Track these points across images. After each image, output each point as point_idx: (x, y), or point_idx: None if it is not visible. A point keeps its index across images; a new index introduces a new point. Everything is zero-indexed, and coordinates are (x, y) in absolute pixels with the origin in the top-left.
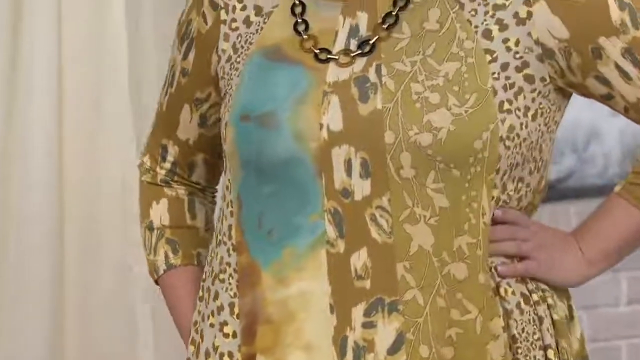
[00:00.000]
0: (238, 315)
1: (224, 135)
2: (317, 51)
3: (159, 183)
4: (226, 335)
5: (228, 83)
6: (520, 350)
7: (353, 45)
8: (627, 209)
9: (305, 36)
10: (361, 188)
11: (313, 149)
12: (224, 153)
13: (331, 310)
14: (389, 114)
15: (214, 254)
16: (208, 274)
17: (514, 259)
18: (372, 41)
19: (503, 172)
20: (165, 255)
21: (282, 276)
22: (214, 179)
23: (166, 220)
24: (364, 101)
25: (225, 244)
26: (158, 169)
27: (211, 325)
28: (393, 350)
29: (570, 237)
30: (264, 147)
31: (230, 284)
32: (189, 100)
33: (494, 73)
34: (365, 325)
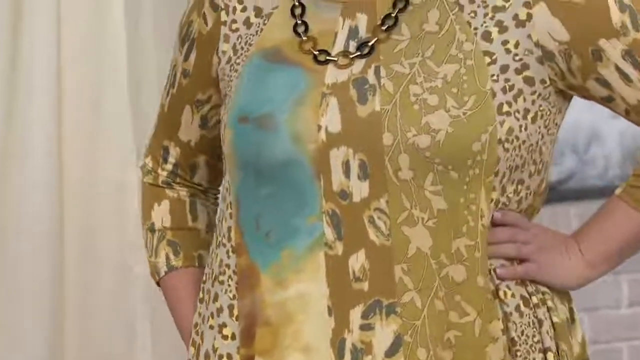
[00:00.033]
0: (237, 317)
1: (223, 136)
2: (316, 53)
3: (161, 185)
4: (225, 337)
5: (228, 84)
6: (520, 353)
7: (352, 46)
8: (627, 211)
9: (304, 38)
10: (359, 190)
11: (311, 151)
12: (223, 155)
13: (329, 312)
14: (387, 116)
15: (214, 256)
16: (208, 275)
17: (514, 262)
18: (371, 43)
19: (502, 175)
20: (167, 257)
21: (281, 278)
22: (216, 181)
23: (167, 222)
24: (362, 103)
25: (224, 245)
26: (160, 171)
27: (211, 327)
28: (391, 352)
29: (571, 240)
30: (262, 149)
31: (229, 285)
32: (190, 101)
33: (493, 75)
34: (363, 328)
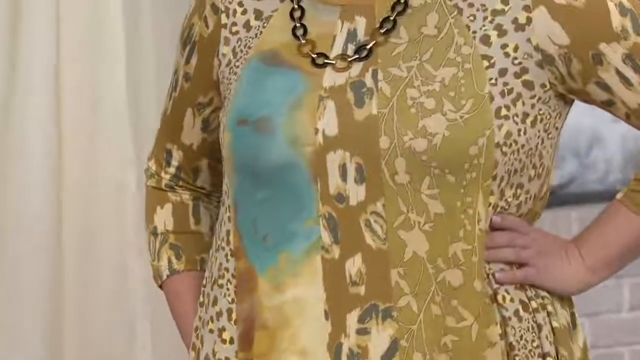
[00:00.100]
0: (235, 321)
1: (222, 139)
2: (315, 56)
3: (164, 188)
4: (224, 342)
5: (227, 87)
6: (518, 358)
7: (350, 50)
8: (628, 216)
9: (303, 41)
10: (356, 193)
11: (308, 154)
12: (223, 158)
13: (326, 316)
14: (384, 119)
15: (213, 259)
16: (208, 279)
17: (513, 266)
18: (370, 46)
19: (500, 179)
20: (169, 260)
21: (278, 282)
22: (219, 184)
23: (170, 226)
24: (359, 106)
25: (223, 249)
26: (163, 174)
27: (210, 331)
28: (387, 357)
29: (571, 244)
30: (260, 152)
31: (228, 289)
32: (192, 104)
33: (491, 79)
34: (360, 332)
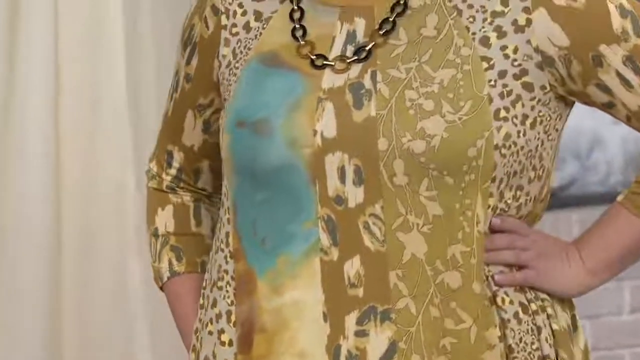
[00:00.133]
0: (234, 324)
1: (221, 141)
2: (314, 57)
3: (165, 189)
4: (223, 344)
5: (227, 89)
6: None
7: (349, 51)
8: (629, 218)
9: (302, 42)
10: (354, 195)
11: (306, 156)
12: (222, 159)
13: (324, 318)
14: (382, 121)
15: (213, 261)
16: (208, 281)
17: (513, 268)
18: (369, 47)
19: (500, 181)
20: (169, 262)
21: (277, 284)
22: (220, 186)
23: (171, 227)
24: (358, 108)
25: (223, 251)
26: (164, 175)
27: (210, 333)
28: (385, 359)
29: (572, 247)
30: (258, 154)
31: (227, 291)
32: (193, 106)
33: (491, 80)
34: (358, 334)
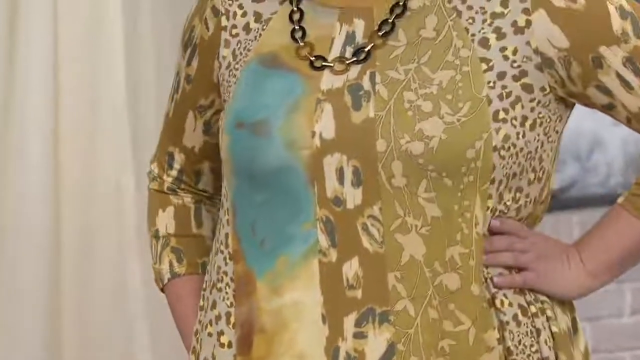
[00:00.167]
0: (234, 325)
1: (221, 142)
2: (313, 59)
3: (166, 191)
4: (222, 345)
5: (227, 90)
6: None
7: (349, 52)
8: (629, 220)
9: (301, 43)
10: (353, 197)
11: (305, 157)
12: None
13: (323, 320)
14: (381, 122)
15: (212, 263)
16: (208, 282)
17: (512, 270)
18: (368, 49)
19: (499, 182)
20: (170, 264)
21: (276, 285)
22: (221, 187)
23: (172, 229)
24: (356, 109)
25: (222, 252)
26: (165, 177)
27: (209, 335)
28: None
29: (572, 249)
30: (257, 155)
31: (227, 293)
32: (193, 107)
33: (490, 82)
34: (357, 336)
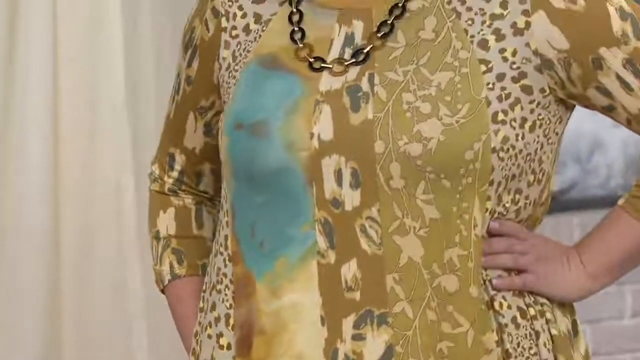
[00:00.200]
0: (233, 327)
1: (220, 143)
2: (312, 60)
3: (167, 192)
4: (221, 347)
5: (227, 91)
6: None
7: (347, 53)
8: (630, 222)
9: (300, 45)
10: (351, 198)
11: (303, 159)
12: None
13: (322, 322)
14: (379, 124)
15: (212, 264)
16: (207, 284)
17: (512, 272)
18: (367, 50)
19: (498, 184)
20: (171, 265)
21: (275, 287)
22: (221, 188)
23: (172, 230)
24: (355, 111)
25: (221, 254)
26: (166, 178)
27: (209, 337)
28: None
29: (572, 250)
30: (256, 157)
31: (226, 295)
32: (194, 108)
33: (489, 83)
34: (355, 338)
